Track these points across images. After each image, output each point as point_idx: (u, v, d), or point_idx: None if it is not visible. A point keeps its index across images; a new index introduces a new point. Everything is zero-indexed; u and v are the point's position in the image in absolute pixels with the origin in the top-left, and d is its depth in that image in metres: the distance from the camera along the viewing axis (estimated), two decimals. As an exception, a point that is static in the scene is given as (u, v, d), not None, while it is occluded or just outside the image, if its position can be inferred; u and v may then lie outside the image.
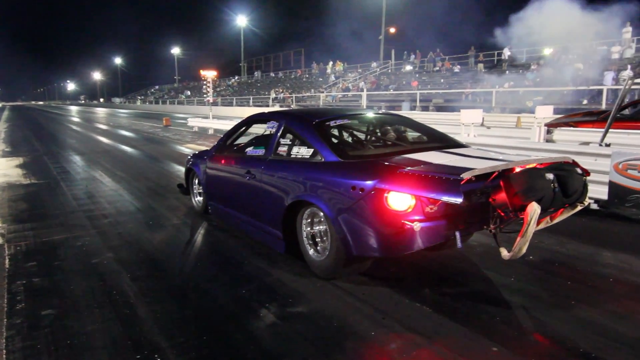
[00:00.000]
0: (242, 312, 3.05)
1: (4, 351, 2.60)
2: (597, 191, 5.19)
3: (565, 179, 3.04)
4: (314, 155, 3.67)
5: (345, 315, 2.95)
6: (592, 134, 8.18)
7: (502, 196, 2.85)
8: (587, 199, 3.26)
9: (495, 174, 2.93)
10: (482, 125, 10.46)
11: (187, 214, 5.64)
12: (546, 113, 10.38)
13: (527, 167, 3.03)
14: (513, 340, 2.66)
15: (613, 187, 5.00)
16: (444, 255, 3.97)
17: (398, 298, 3.19)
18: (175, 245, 4.53)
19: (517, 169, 2.99)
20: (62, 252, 4.26)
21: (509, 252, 2.94)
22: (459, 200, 2.71)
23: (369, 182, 3.07)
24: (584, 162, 5.29)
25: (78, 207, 6.02)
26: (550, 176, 2.96)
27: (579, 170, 3.22)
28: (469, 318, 2.90)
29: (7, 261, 4.02)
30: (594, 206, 5.40)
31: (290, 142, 4.02)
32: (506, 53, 26.29)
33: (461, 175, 2.77)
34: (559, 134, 9.07)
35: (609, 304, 3.09)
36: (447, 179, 2.82)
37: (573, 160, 3.33)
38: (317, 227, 3.66)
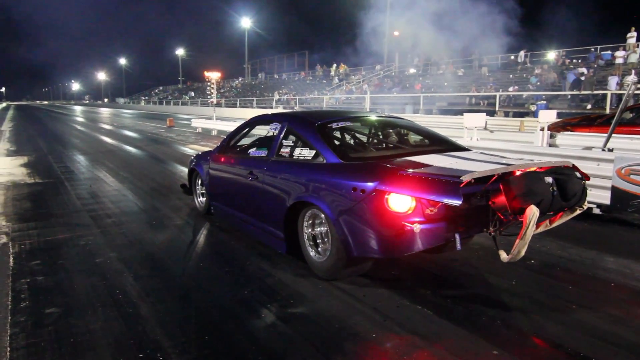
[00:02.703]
0: (244, 312, 3.07)
1: (8, 349, 2.63)
2: (600, 196, 5.18)
3: (564, 183, 3.07)
4: (315, 156, 3.70)
5: (346, 317, 2.97)
6: (595, 139, 8.16)
7: (501, 199, 2.87)
8: (586, 203, 3.28)
9: (495, 177, 2.95)
10: (485, 129, 10.44)
11: (190, 214, 5.66)
12: (549, 117, 10.37)
13: (527, 170, 3.05)
14: (514, 343, 2.67)
15: (615, 192, 4.99)
16: (445, 258, 3.98)
17: (399, 300, 3.20)
18: (178, 245, 4.55)
19: (517, 173, 3.01)
20: (66, 251, 4.29)
21: (508, 254, 2.96)
22: (458, 202, 2.74)
23: (370, 184, 3.10)
24: (587, 167, 5.31)
25: (82, 207, 6.05)
26: (549, 180, 2.98)
27: (578, 175, 3.24)
28: (469, 321, 2.91)
29: (11, 259, 4.06)
30: (597, 211, 5.40)
31: (292, 144, 4.06)
32: (522, 55, 26.35)
33: (461, 178, 2.79)
34: (562, 138, 9.05)
35: (610, 308, 3.09)
36: (446, 181, 2.85)
37: (573, 165, 3.34)
38: (319, 229, 3.67)
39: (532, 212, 2.77)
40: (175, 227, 5.13)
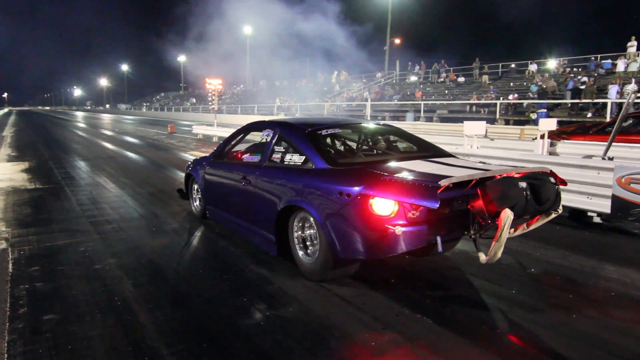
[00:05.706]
0: (243, 320, 3.06)
1: (6, 355, 2.62)
2: (600, 204, 5.18)
3: (538, 188, 3.18)
4: (305, 162, 3.81)
5: (345, 326, 2.96)
6: (595, 147, 8.16)
7: (479, 203, 2.99)
8: (560, 207, 3.38)
9: (473, 182, 3.03)
10: (485, 136, 10.44)
11: (190, 220, 5.66)
12: (550, 125, 10.39)
13: (503, 175, 3.14)
14: (514, 353, 2.65)
15: (616, 200, 4.99)
16: (444, 266, 3.97)
17: (399, 309, 3.19)
18: (177, 252, 4.54)
19: (495, 178, 3.09)
20: (65, 257, 4.28)
21: (486, 256, 3.06)
22: (435, 205, 2.84)
23: (355, 188, 3.19)
24: (587, 176, 5.32)
25: (82, 213, 6.05)
26: (523, 185, 3.09)
27: (552, 180, 3.34)
28: (469, 330, 2.90)
29: (10, 265, 4.05)
30: (597, 219, 5.39)
31: (283, 150, 4.17)
32: (533, 68, 26.35)
33: (439, 183, 2.89)
34: (562, 146, 9.05)
35: (610, 318, 3.08)
36: (425, 185, 2.97)
37: (550, 171, 3.44)
38: (308, 232, 3.76)
39: (507, 215, 2.88)
40: (174, 234, 5.12)
